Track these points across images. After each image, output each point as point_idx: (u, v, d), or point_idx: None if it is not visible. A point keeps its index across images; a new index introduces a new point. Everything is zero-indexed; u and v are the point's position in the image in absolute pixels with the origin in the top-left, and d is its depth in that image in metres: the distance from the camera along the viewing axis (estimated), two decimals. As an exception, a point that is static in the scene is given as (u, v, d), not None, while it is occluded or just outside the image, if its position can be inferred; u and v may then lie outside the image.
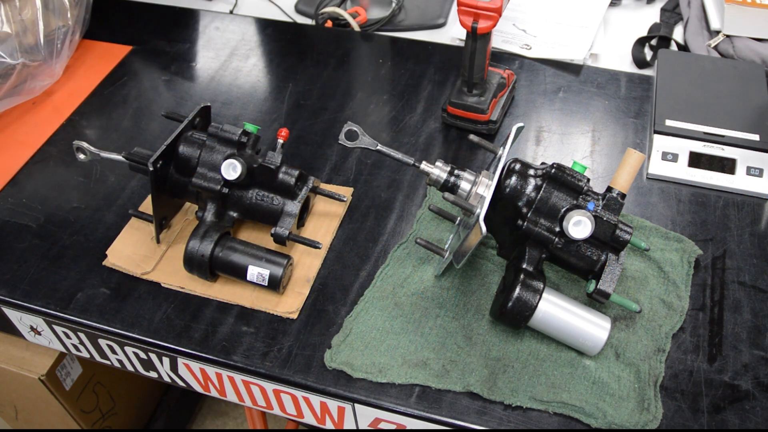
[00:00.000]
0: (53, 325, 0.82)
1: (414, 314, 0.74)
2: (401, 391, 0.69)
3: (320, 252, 0.81)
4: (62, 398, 1.08)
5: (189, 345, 0.74)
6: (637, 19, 1.15)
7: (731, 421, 0.66)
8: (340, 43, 1.12)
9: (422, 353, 0.71)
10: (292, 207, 0.78)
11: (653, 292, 0.75)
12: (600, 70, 1.04)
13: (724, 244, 0.80)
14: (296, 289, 0.77)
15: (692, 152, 0.87)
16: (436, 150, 0.93)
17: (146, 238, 0.83)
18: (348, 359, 0.70)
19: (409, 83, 1.03)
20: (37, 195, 0.90)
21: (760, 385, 0.68)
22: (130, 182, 0.91)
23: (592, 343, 0.68)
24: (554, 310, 0.67)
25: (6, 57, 0.94)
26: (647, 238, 0.80)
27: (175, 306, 0.77)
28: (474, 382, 0.68)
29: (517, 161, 0.70)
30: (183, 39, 1.15)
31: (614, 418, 0.65)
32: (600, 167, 0.90)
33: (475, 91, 0.92)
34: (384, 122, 0.98)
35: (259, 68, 1.08)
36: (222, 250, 0.75)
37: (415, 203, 0.86)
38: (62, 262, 0.82)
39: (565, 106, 0.99)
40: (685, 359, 0.70)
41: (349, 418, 0.74)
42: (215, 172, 0.76)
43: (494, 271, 0.78)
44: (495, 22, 0.84)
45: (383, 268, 0.79)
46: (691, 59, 1.01)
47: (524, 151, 0.93)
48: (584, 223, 0.65)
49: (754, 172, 0.85)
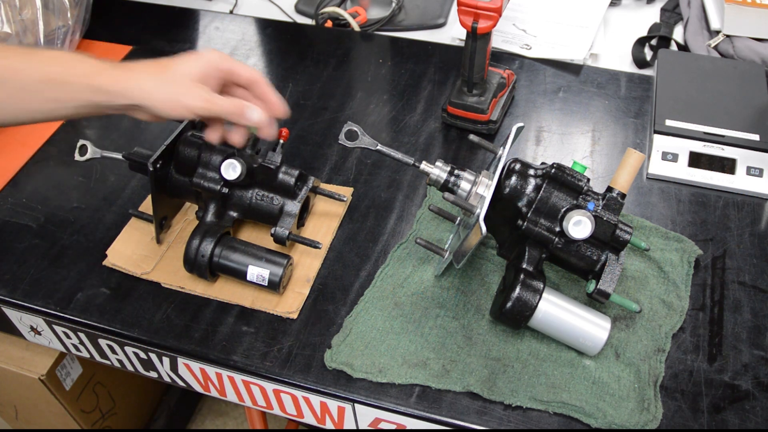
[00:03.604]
0: (53, 325, 0.82)
1: (414, 314, 0.74)
2: (401, 391, 0.69)
3: (320, 252, 0.81)
4: (62, 398, 1.08)
5: (189, 345, 0.74)
6: (637, 19, 1.15)
7: (731, 421, 0.66)
8: (340, 43, 1.12)
9: (422, 353, 0.71)
10: (292, 207, 0.78)
11: (653, 292, 0.75)
12: (600, 70, 1.04)
13: (724, 244, 0.80)
14: (296, 289, 0.77)
15: (692, 152, 0.87)
16: (436, 150, 0.93)
17: (146, 238, 0.83)
18: (348, 359, 0.70)
19: (409, 83, 1.03)
20: (37, 195, 0.90)
21: (760, 385, 0.68)
22: (130, 182, 0.91)
23: (592, 343, 0.68)
24: (554, 310, 0.67)
25: (6, 57, 0.94)
26: (647, 238, 0.80)
27: (175, 306, 0.77)
28: (474, 382, 0.68)
29: (517, 161, 0.70)
30: (183, 39, 1.15)
31: (614, 418, 0.65)
32: (600, 167, 0.90)
33: (475, 91, 0.92)
34: (384, 122, 0.98)
35: (259, 68, 1.08)
36: (222, 250, 0.75)
37: (415, 203, 0.86)
38: (62, 262, 0.82)
39: (565, 106, 0.99)
40: (685, 359, 0.70)
41: (349, 418, 0.74)
42: (215, 172, 0.76)
43: (494, 271, 0.78)
44: (495, 22, 0.84)
45: (383, 268, 0.79)
46: (691, 59, 1.01)
47: (524, 151, 0.93)
48: (584, 223, 0.65)
49: (754, 172, 0.85)
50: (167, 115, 0.61)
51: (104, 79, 0.58)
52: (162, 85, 0.60)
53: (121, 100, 0.59)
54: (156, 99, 0.59)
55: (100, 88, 0.58)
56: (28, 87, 0.56)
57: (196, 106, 0.61)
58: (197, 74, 0.62)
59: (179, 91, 0.60)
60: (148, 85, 0.59)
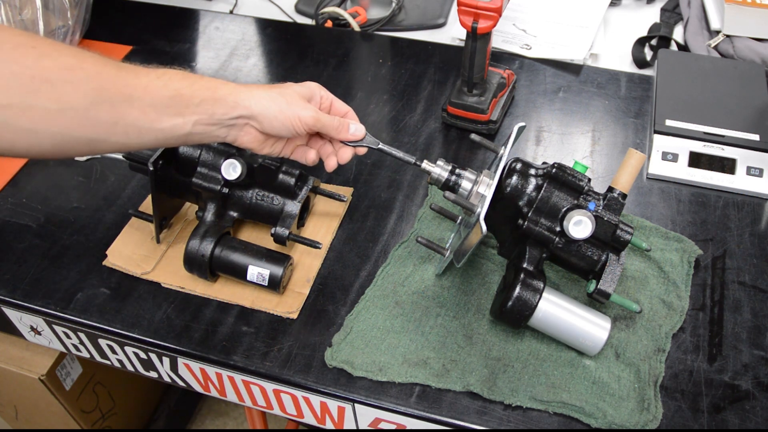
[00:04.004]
0: (53, 325, 0.82)
1: (415, 313, 0.74)
2: (401, 391, 0.69)
3: (320, 252, 0.81)
4: (62, 398, 1.08)
5: (189, 345, 0.74)
6: (637, 19, 1.15)
7: (731, 421, 0.66)
8: (340, 43, 1.12)
9: (423, 352, 0.71)
10: (292, 207, 0.78)
11: (653, 292, 0.75)
12: (600, 70, 1.04)
13: (724, 244, 0.80)
14: (296, 289, 0.77)
15: (692, 152, 0.87)
16: (437, 150, 0.93)
17: (146, 238, 0.83)
18: (348, 357, 0.70)
19: (409, 83, 1.03)
20: (37, 195, 0.90)
21: (760, 385, 0.68)
22: (130, 182, 0.91)
23: (592, 343, 0.68)
24: (554, 310, 0.67)
25: (6, 57, 0.93)
26: (647, 238, 0.80)
27: (175, 306, 0.77)
28: (474, 382, 0.68)
29: (518, 161, 0.70)
30: (183, 39, 1.15)
31: (614, 418, 0.65)
32: (600, 167, 0.90)
33: (475, 91, 0.92)
34: (384, 122, 0.98)
35: (259, 68, 1.08)
36: (222, 250, 0.75)
37: (415, 203, 0.86)
38: (62, 262, 0.82)
39: (565, 106, 0.99)
40: (685, 359, 0.70)
41: (349, 418, 0.74)
42: (215, 172, 0.76)
43: (495, 271, 0.78)
44: (495, 22, 0.84)
45: (384, 267, 0.79)
46: (691, 59, 1.01)
47: (524, 150, 0.93)
48: (585, 223, 0.65)
49: (754, 172, 0.85)
50: (278, 128, 0.65)
51: (225, 91, 0.62)
52: (276, 99, 0.65)
53: (240, 110, 0.63)
54: (271, 110, 0.64)
55: (222, 99, 0.62)
56: (158, 103, 0.59)
57: (309, 116, 0.66)
58: (306, 94, 0.68)
59: (292, 104, 0.65)
60: (263, 97, 0.64)
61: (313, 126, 0.67)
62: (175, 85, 0.59)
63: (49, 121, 0.54)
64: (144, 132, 0.59)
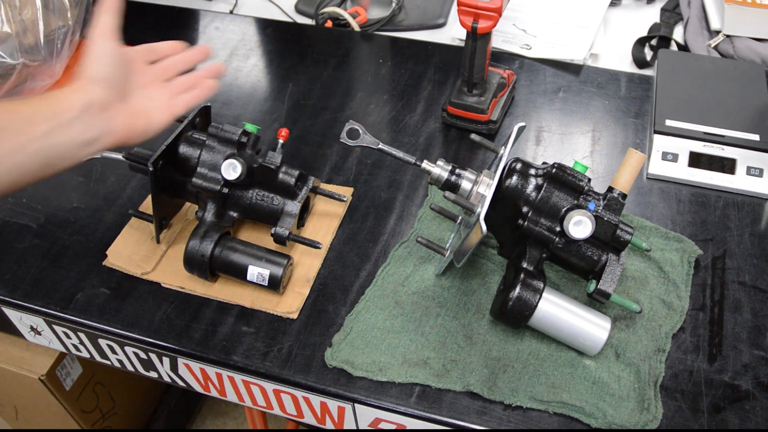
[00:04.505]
0: (53, 325, 0.82)
1: (415, 313, 0.74)
2: (401, 391, 0.69)
3: (320, 252, 0.81)
4: (62, 398, 1.08)
5: (189, 345, 0.74)
6: (637, 19, 1.15)
7: (731, 421, 0.66)
8: (340, 43, 1.12)
9: (423, 352, 0.71)
10: (292, 207, 0.78)
11: (653, 292, 0.75)
12: (600, 70, 1.04)
13: (724, 244, 0.80)
14: (296, 289, 0.77)
15: (692, 152, 0.87)
16: (437, 150, 0.93)
17: (146, 238, 0.83)
18: (348, 357, 0.70)
19: (409, 83, 1.03)
20: (37, 195, 0.90)
21: (760, 385, 0.68)
22: (130, 182, 0.91)
23: (592, 343, 0.68)
24: (554, 310, 0.67)
25: (6, 57, 0.94)
26: (647, 238, 0.80)
27: (175, 306, 0.77)
28: (474, 382, 0.68)
29: (518, 161, 0.70)
30: (183, 39, 1.14)
31: (614, 418, 0.65)
32: (600, 167, 0.90)
33: (475, 91, 0.92)
34: (384, 122, 0.98)
35: (259, 68, 1.08)
36: (222, 250, 0.75)
37: (415, 203, 0.86)
38: (62, 262, 0.82)
39: (565, 106, 0.99)
40: (685, 359, 0.70)
41: (349, 418, 0.74)
42: (215, 172, 0.76)
43: (495, 271, 0.78)
44: (495, 22, 0.84)
45: (384, 267, 0.79)
46: (691, 59, 1.01)
47: (524, 151, 0.93)
48: (585, 223, 0.65)
49: (754, 172, 0.85)
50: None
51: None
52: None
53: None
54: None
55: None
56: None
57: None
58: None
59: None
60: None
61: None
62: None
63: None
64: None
